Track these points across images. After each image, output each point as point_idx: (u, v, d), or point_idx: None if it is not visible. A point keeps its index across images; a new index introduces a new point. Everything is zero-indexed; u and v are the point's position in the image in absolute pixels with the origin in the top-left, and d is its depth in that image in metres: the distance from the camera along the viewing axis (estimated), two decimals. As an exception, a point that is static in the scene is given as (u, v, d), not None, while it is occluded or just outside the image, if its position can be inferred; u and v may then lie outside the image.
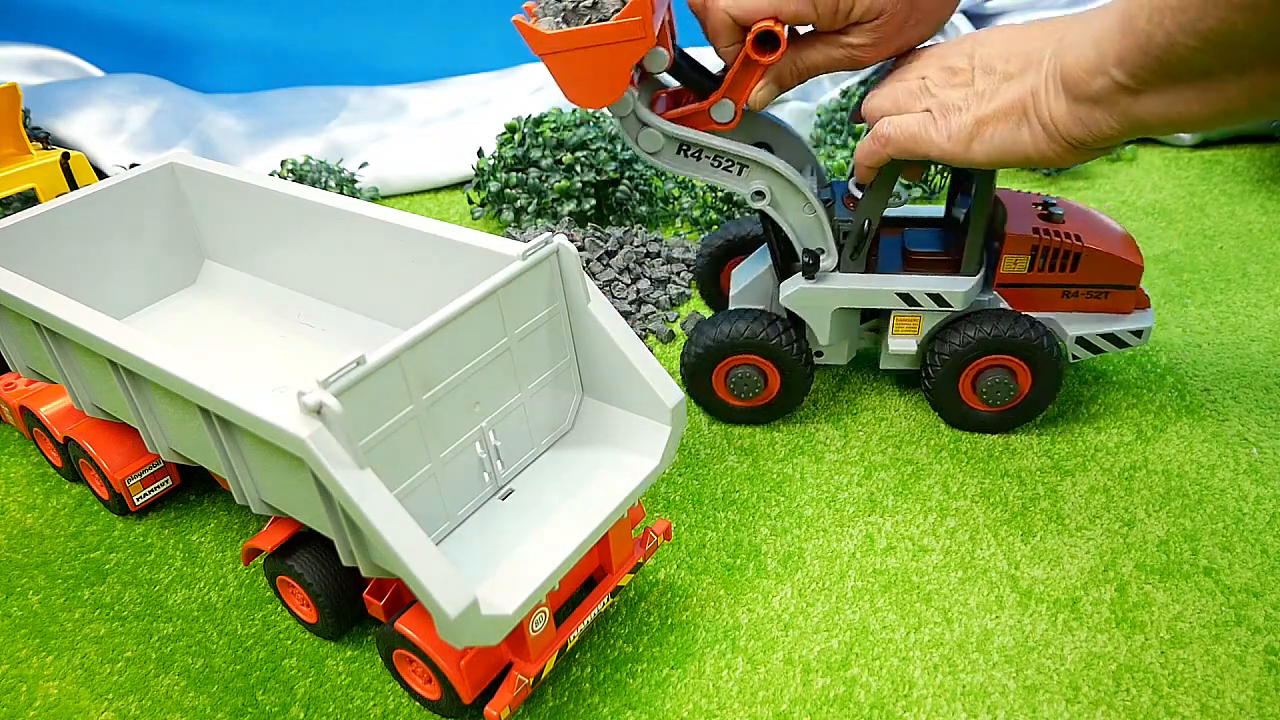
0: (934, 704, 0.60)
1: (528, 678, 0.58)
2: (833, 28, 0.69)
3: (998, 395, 0.79)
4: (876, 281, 0.78)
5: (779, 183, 0.74)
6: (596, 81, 0.68)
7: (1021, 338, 0.76)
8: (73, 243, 0.82)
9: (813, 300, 0.79)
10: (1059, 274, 0.78)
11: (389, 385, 0.52)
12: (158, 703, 0.64)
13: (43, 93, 1.51)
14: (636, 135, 0.74)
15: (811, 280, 0.78)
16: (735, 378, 0.81)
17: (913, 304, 0.78)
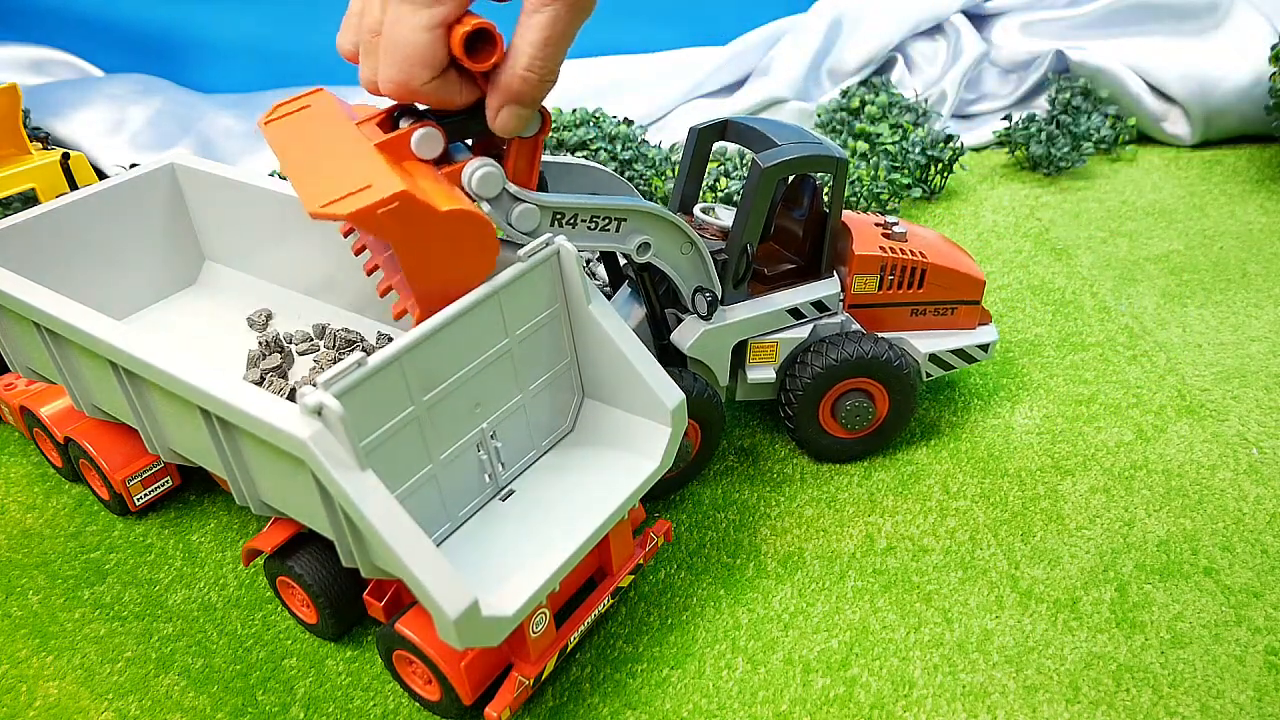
0: (934, 704, 0.60)
1: (528, 679, 0.58)
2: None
3: (857, 420, 0.77)
4: (767, 304, 0.75)
5: (659, 227, 0.67)
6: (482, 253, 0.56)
7: (881, 358, 0.75)
8: (73, 243, 0.82)
9: (716, 340, 0.74)
10: (906, 291, 0.78)
11: (390, 386, 0.52)
12: (158, 703, 0.64)
13: (43, 93, 1.50)
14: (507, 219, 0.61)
15: (709, 320, 0.73)
16: None
17: (800, 317, 0.76)
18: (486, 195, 0.58)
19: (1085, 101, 1.35)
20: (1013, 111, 1.41)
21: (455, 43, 0.51)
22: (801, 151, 0.71)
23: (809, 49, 1.50)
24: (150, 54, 1.70)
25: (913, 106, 1.37)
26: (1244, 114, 1.29)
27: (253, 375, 0.77)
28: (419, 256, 0.53)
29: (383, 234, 0.51)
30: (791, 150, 0.71)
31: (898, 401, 0.77)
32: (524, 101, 0.54)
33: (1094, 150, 1.30)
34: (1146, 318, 0.96)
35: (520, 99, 0.54)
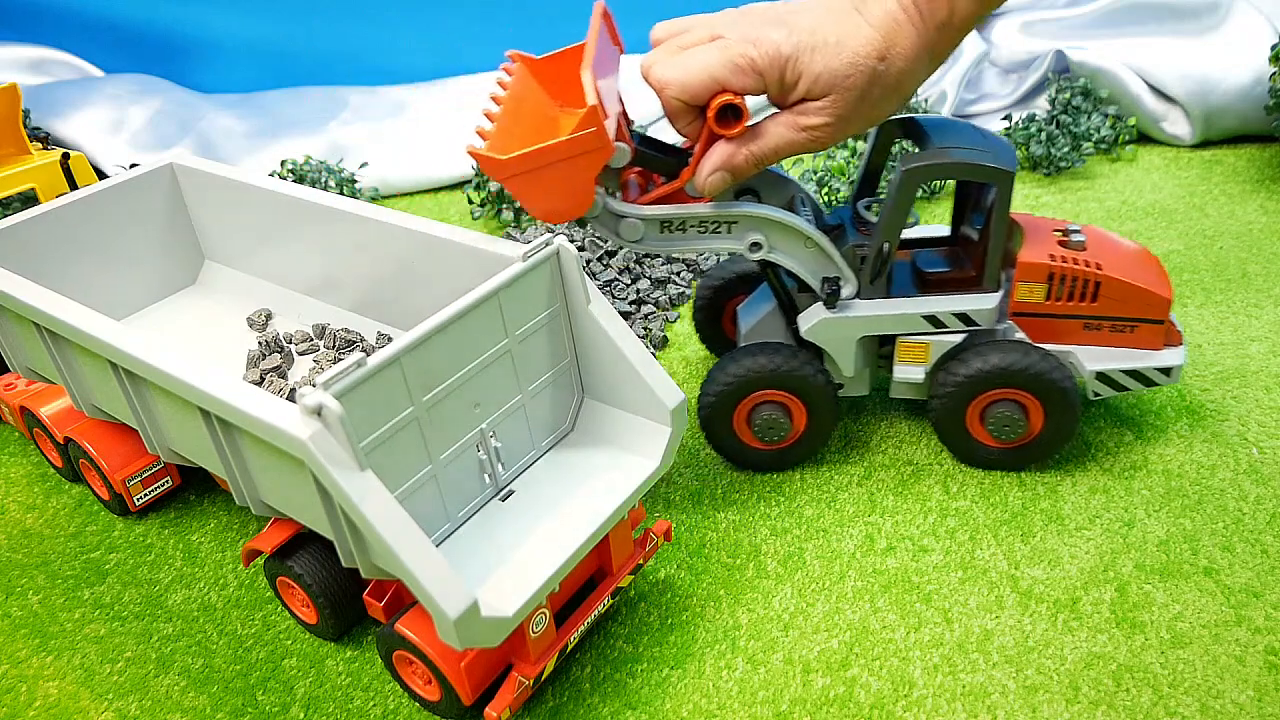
0: (934, 704, 0.60)
1: (528, 679, 0.58)
2: (783, 101, 0.65)
3: (1006, 430, 0.74)
4: (900, 305, 0.74)
5: (774, 228, 0.71)
6: (564, 196, 0.65)
7: (1033, 370, 0.72)
8: (73, 243, 0.82)
9: (837, 330, 0.74)
10: (1078, 304, 0.74)
11: (389, 387, 0.52)
12: (158, 703, 0.64)
13: (43, 93, 1.51)
14: (615, 229, 0.70)
15: (833, 310, 0.74)
16: (760, 419, 0.76)
17: (940, 326, 0.74)
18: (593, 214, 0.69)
19: (1085, 101, 1.35)
20: (1013, 111, 1.41)
21: (714, 102, 0.64)
22: (954, 158, 0.69)
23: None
24: (150, 54, 1.70)
25: (912, 106, 1.37)
26: (1244, 114, 1.29)
27: (253, 375, 0.77)
28: None
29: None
30: (942, 155, 0.69)
31: (1054, 417, 0.73)
32: (735, 174, 0.67)
33: (1094, 150, 1.30)
34: (1146, 318, 0.96)
35: (735, 171, 0.67)
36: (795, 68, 0.63)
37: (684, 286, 1.05)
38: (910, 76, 0.64)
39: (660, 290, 1.04)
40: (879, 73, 0.63)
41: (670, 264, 1.08)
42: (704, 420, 0.77)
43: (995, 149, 0.71)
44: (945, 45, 0.65)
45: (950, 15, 0.63)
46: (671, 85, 0.65)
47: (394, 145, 1.48)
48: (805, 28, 0.63)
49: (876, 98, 0.64)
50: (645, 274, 1.06)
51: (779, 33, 0.63)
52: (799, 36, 0.63)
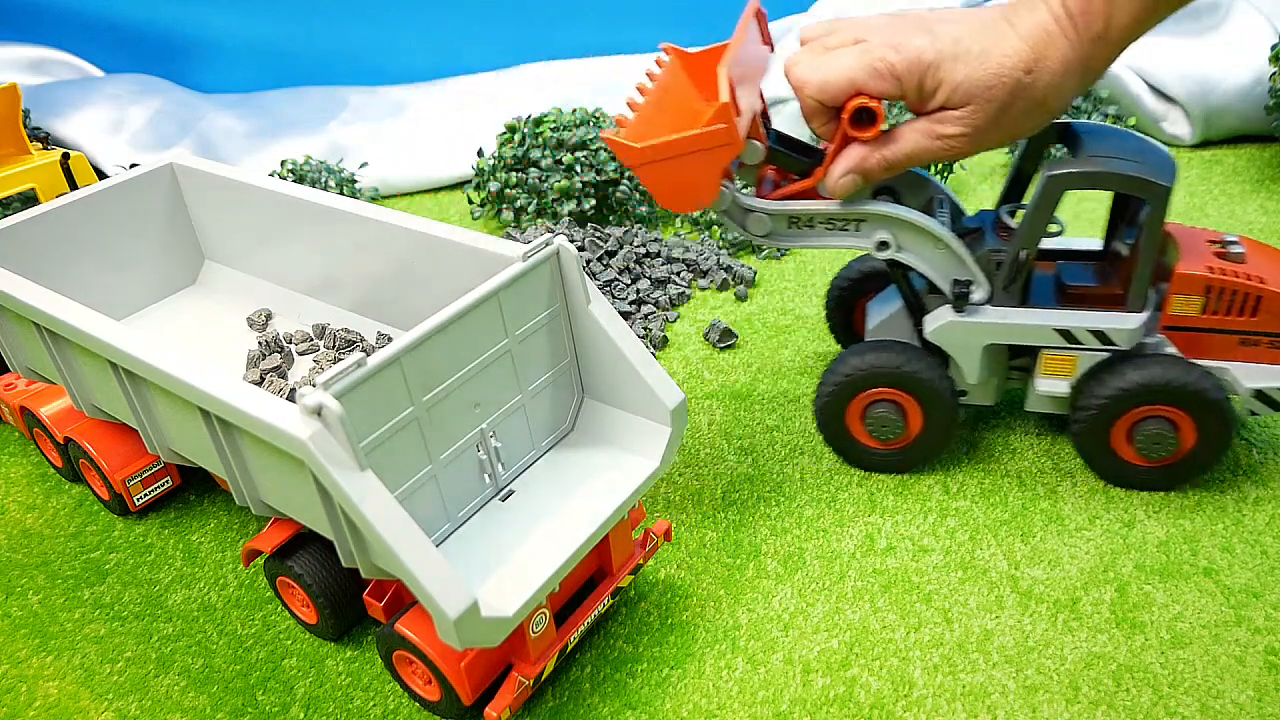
0: (934, 704, 0.60)
1: (528, 679, 0.58)
2: (921, 108, 0.65)
3: (1155, 449, 0.71)
4: (1033, 316, 0.71)
5: (903, 228, 0.71)
6: (691, 188, 0.67)
7: (1189, 387, 0.68)
8: (73, 243, 0.82)
9: (962, 335, 0.73)
10: (1236, 318, 0.70)
11: (389, 387, 0.52)
12: (158, 703, 0.64)
13: (43, 93, 1.51)
14: (743, 222, 0.73)
15: (961, 313, 0.72)
16: (873, 416, 0.75)
17: (1073, 341, 0.71)
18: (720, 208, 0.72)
19: (1085, 101, 1.35)
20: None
21: (850, 104, 0.64)
22: (1103, 167, 0.66)
23: (809, 49, 1.49)
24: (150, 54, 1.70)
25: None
26: (1244, 114, 1.29)
27: (253, 375, 0.77)
28: None
29: None
30: (1090, 164, 0.67)
31: (1208, 435, 0.70)
32: (866, 177, 0.68)
33: (1094, 150, 1.30)
34: (1146, 318, 0.96)
35: (866, 175, 0.67)
36: (936, 75, 0.62)
37: (684, 286, 1.05)
38: (1058, 91, 0.62)
39: (660, 290, 1.04)
40: (1024, 85, 0.61)
41: (670, 264, 1.08)
42: (819, 411, 0.77)
43: (1154, 160, 0.68)
44: (1100, 59, 0.63)
45: (1106, 28, 0.61)
46: (809, 85, 0.65)
47: (394, 145, 1.48)
48: (950, 36, 0.63)
49: (1019, 111, 0.63)
50: (645, 274, 1.06)
51: (922, 39, 0.63)
52: (942, 44, 0.62)
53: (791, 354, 0.94)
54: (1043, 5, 0.62)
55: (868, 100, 0.64)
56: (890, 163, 0.66)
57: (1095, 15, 0.60)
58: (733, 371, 0.92)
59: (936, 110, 0.64)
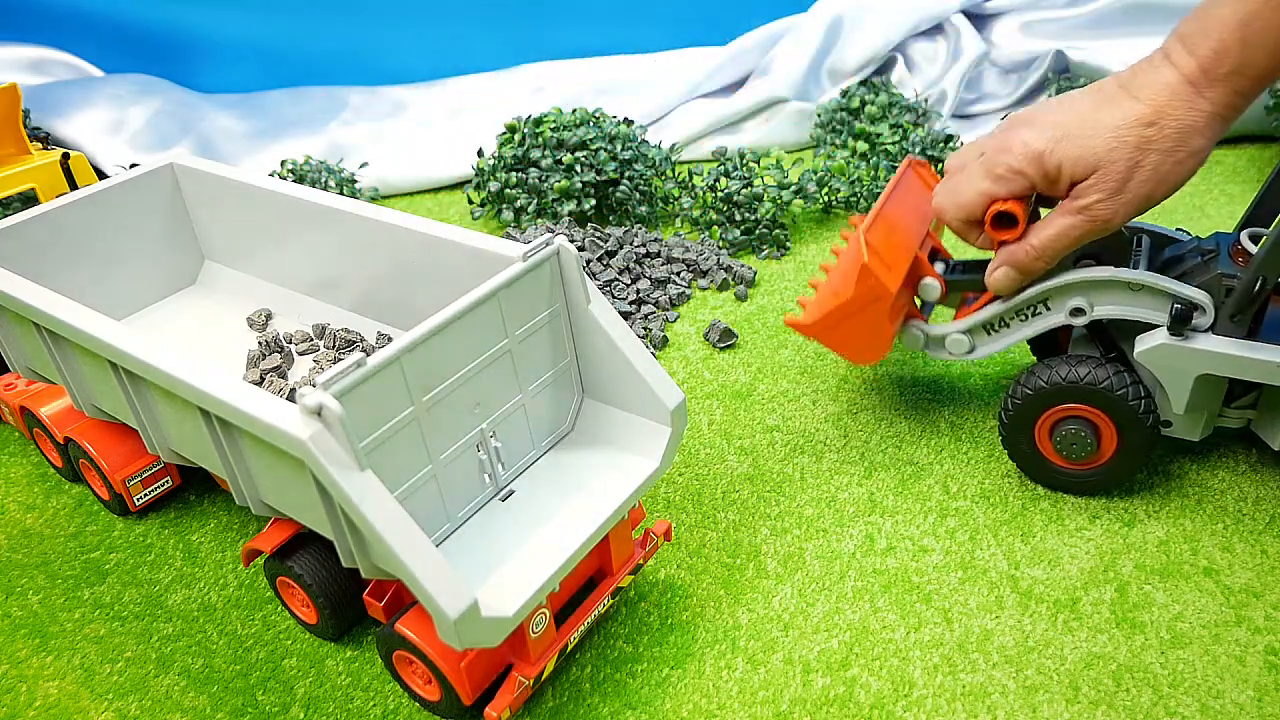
0: (934, 704, 0.60)
1: (528, 679, 0.58)
2: (1057, 193, 0.67)
3: None
4: (1259, 351, 0.65)
5: (1090, 288, 0.70)
6: (868, 341, 0.75)
7: None
8: (73, 243, 0.82)
9: (1176, 360, 0.67)
10: None
11: (389, 387, 0.52)
12: (158, 703, 0.64)
13: (43, 93, 1.51)
14: (947, 348, 0.77)
15: (1179, 337, 0.67)
16: (1062, 433, 0.72)
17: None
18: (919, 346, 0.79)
19: (1085, 101, 1.35)
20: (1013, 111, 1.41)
21: (989, 213, 0.69)
22: None
23: (809, 49, 1.50)
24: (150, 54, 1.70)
25: (913, 106, 1.37)
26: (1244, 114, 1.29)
27: (253, 375, 0.77)
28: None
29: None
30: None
31: None
32: (1020, 269, 0.70)
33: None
34: (1146, 318, 0.96)
35: (1019, 266, 0.70)
36: (1053, 158, 0.64)
37: (684, 286, 1.05)
38: (1190, 139, 0.62)
39: (660, 290, 1.04)
40: (1148, 139, 0.62)
41: (670, 264, 1.08)
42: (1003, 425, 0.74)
43: None
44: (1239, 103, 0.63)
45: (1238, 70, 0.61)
46: (946, 210, 0.72)
47: (394, 145, 1.48)
48: (1051, 121, 0.65)
49: (1153, 164, 0.63)
50: (645, 274, 1.06)
51: (1029, 132, 0.66)
52: (1050, 130, 0.65)
53: (791, 354, 0.94)
54: (1161, 58, 0.63)
55: (1003, 204, 0.68)
56: (1040, 250, 0.68)
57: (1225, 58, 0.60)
58: (733, 371, 0.92)
59: (1069, 189, 0.66)
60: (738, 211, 1.14)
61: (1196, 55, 0.61)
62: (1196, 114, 0.62)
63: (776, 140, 1.45)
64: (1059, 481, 0.74)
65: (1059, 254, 0.68)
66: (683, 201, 1.20)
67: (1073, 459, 0.73)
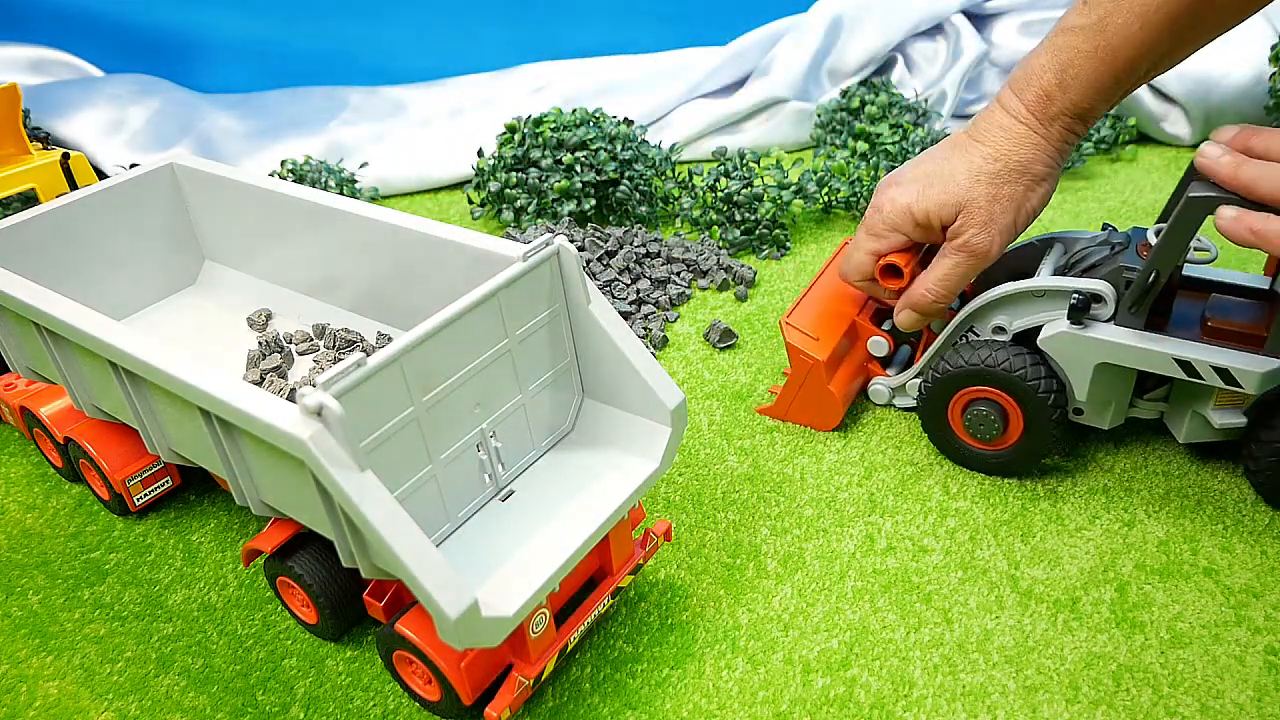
0: (934, 704, 0.60)
1: (528, 679, 0.58)
2: (936, 238, 0.74)
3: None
4: (1151, 341, 0.67)
5: (1001, 305, 0.74)
6: (819, 408, 0.82)
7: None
8: (73, 243, 0.82)
9: (1075, 348, 0.70)
10: None
11: (389, 387, 0.52)
12: (158, 703, 0.64)
13: (43, 93, 1.51)
14: (906, 396, 0.83)
15: (1078, 326, 0.70)
16: (972, 414, 0.75)
17: (1195, 376, 0.67)
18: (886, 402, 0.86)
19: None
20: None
21: (876, 268, 0.78)
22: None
23: (809, 49, 1.50)
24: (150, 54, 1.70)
25: (913, 106, 1.37)
26: (1244, 114, 1.29)
27: (253, 375, 0.77)
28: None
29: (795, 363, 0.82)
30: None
31: None
32: (920, 309, 0.77)
33: (1094, 150, 1.30)
34: (1146, 318, 0.96)
35: (918, 307, 0.76)
36: (920, 207, 0.72)
37: (684, 286, 1.05)
38: (1034, 165, 0.70)
39: (660, 290, 1.04)
40: (998, 173, 0.70)
41: (670, 264, 1.08)
42: (920, 401, 0.78)
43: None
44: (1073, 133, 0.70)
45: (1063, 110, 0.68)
46: (848, 274, 0.81)
47: (394, 145, 1.48)
48: (911, 176, 0.74)
49: (1008, 195, 0.71)
50: (645, 274, 1.06)
51: (896, 190, 0.74)
52: (913, 184, 0.73)
53: (791, 354, 0.94)
54: (998, 107, 0.71)
55: (888, 259, 0.76)
56: (935, 289, 0.74)
57: (1050, 102, 0.68)
58: (733, 371, 0.92)
59: (943, 232, 0.73)
60: (738, 211, 1.14)
61: (1024, 101, 0.69)
62: (1034, 149, 0.70)
63: (776, 140, 1.45)
64: (969, 460, 0.78)
65: (952, 290, 0.74)
66: (683, 201, 1.20)
67: (981, 439, 0.76)
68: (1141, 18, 0.63)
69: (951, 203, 0.71)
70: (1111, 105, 0.69)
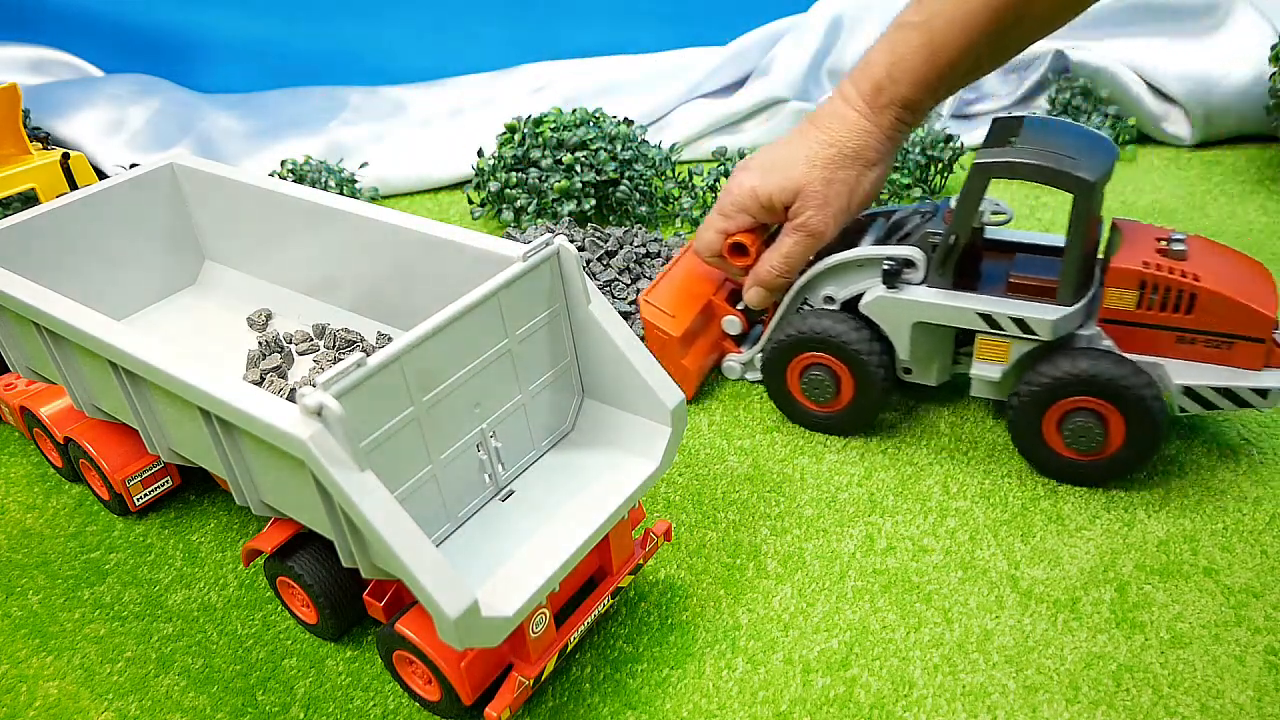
0: (934, 704, 0.60)
1: (528, 679, 0.58)
2: (779, 218, 0.79)
3: (1082, 441, 0.72)
4: (957, 298, 0.74)
5: (827, 276, 0.80)
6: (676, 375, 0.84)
7: (1116, 380, 0.69)
8: (73, 243, 0.82)
9: (892, 310, 0.76)
10: (1172, 315, 0.70)
11: (390, 387, 0.52)
12: (158, 703, 0.64)
13: (43, 93, 1.51)
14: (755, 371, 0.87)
15: (891, 289, 0.75)
16: (808, 378, 0.80)
17: (996, 327, 0.73)
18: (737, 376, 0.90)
19: (1085, 101, 1.35)
20: (1012, 111, 1.41)
21: (724, 246, 0.83)
22: (1023, 158, 0.69)
23: (809, 49, 1.49)
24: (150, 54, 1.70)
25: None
26: (1244, 114, 1.29)
27: (253, 375, 0.77)
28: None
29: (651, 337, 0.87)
30: (1013, 154, 0.69)
31: (1135, 433, 0.71)
32: (765, 285, 0.81)
33: (1094, 150, 1.30)
34: (1146, 318, 0.96)
35: (764, 283, 0.81)
36: (764, 190, 0.77)
37: (684, 286, 1.05)
38: (866, 151, 0.75)
39: (660, 290, 1.04)
40: (833, 157, 0.75)
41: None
42: (762, 369, 0.83)
43: (1088, 155, 0.69)
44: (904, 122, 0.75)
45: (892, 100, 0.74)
46: (700, 251, 0.85)
47: (394, 145, 1.48)
48: (762, 161, 0.79)
49: (842, 179, 0.76)
50: (645, 274, 1.06)
51: (745, 174, 0.79)
52: (759, 169, 0.78)
53: (791, 354, 0.94)
54: (838, 96, 0.76)
55: (737, 237, 0.81)
56: (778, 265, 0.79)
57: (881, 93, 0.74)
58: (733, 371, 0.92)
59: (786, 213, 0.78)
60: (738, 211, 1.14)
61: (860, 91, 0.75)
62: (867, 136, 0.75)
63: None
64: (811, 423, 0.83)
65: (793, 266, 0.79)
66: (683, 201, 1.20)
67: (818, 402, 0.82)
68: (964, 20, 0.69)
69: (791, 187, 0.76)
70: (938, 99, 0.74)
